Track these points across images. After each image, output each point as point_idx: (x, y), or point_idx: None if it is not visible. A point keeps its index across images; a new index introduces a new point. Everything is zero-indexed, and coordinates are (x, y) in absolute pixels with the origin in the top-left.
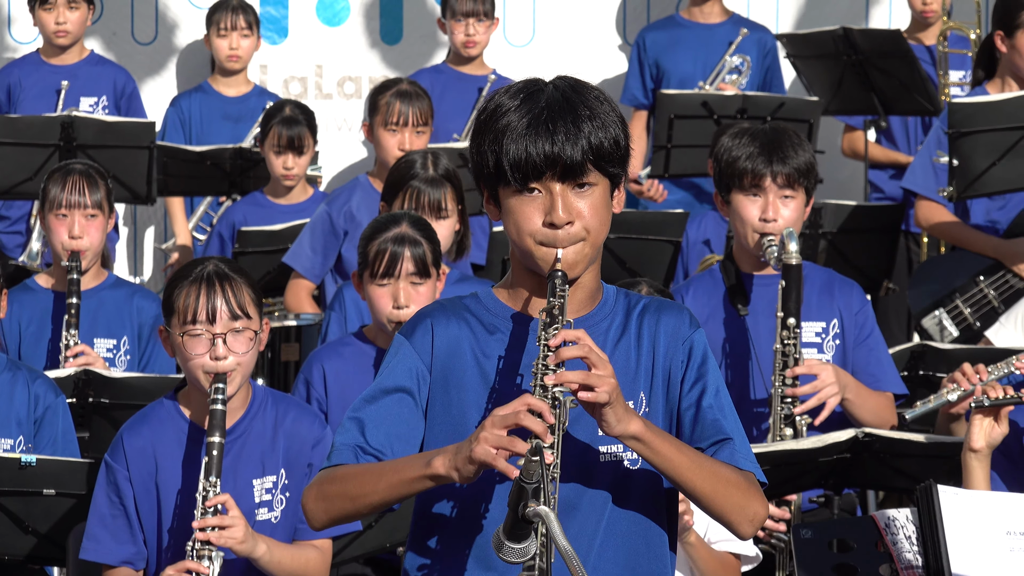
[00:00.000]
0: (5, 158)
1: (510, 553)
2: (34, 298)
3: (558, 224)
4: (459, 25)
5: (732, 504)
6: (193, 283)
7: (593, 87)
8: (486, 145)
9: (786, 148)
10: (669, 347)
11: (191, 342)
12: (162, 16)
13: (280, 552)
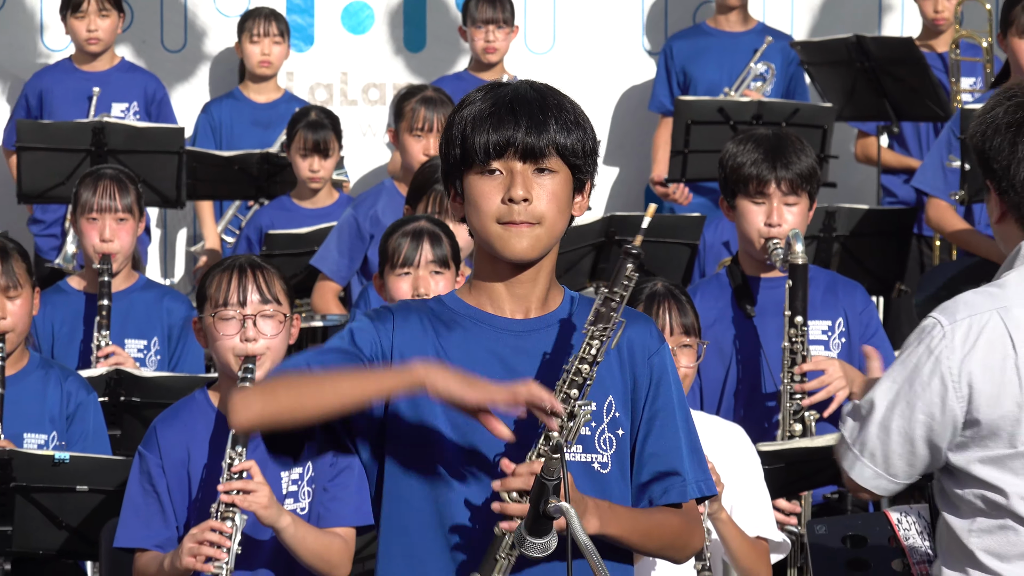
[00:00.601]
0: (38, 163)
1: (532, 548)
2: (66, 300)
3: (516, 200)
4: (479, 32)
5: (674, 550)
6: (225, 271)
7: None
8: (453, 133)
9: (789, 154)
10: (637, 356)
11: (222, 324)
12: (191, 24)
13: (304, 529)
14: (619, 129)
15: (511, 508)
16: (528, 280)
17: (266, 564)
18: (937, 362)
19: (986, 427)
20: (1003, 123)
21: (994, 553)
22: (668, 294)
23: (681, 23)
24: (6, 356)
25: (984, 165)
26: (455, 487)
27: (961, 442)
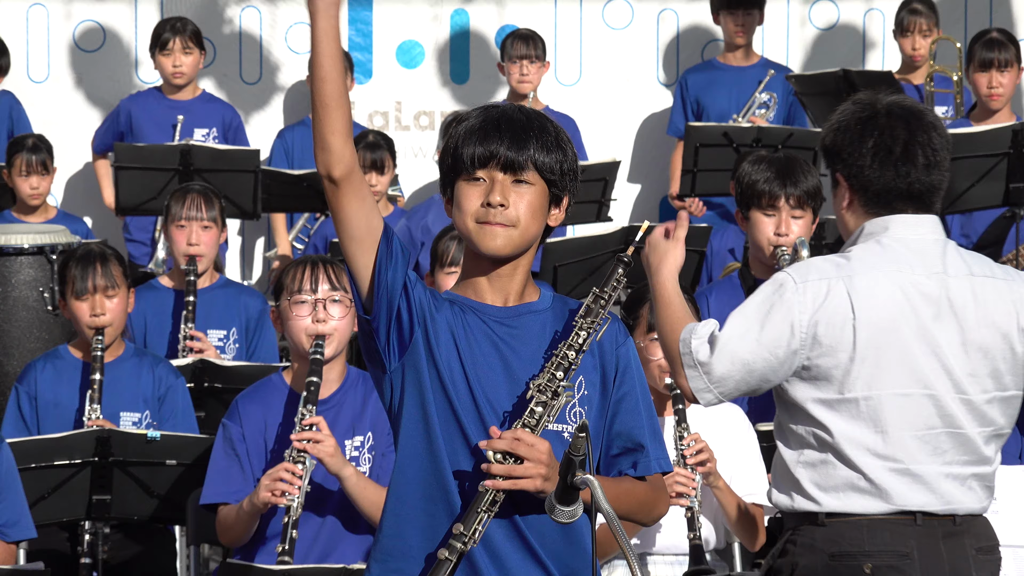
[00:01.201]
0: (134, 181)
1: (560, 515)
2: (157, 296)
3: (493, 204)
4: (515, 67)
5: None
6: (300, 264)
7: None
8: (449, 144)
9: (797, 173)
10: (607, 349)
11: (297, 307)
12: (266, 59)
13: (365, 482)
14: (639, 151)
15: (495, 468)
16: (506, 275)
17: (333, 512)
18: (789, 311)
19: (822, 372)
20: (852, 122)
21: (816, 483)
22: None
23: (692, 59)
24: (105, 347)
25: (834, 159)
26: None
27: (797, 381)
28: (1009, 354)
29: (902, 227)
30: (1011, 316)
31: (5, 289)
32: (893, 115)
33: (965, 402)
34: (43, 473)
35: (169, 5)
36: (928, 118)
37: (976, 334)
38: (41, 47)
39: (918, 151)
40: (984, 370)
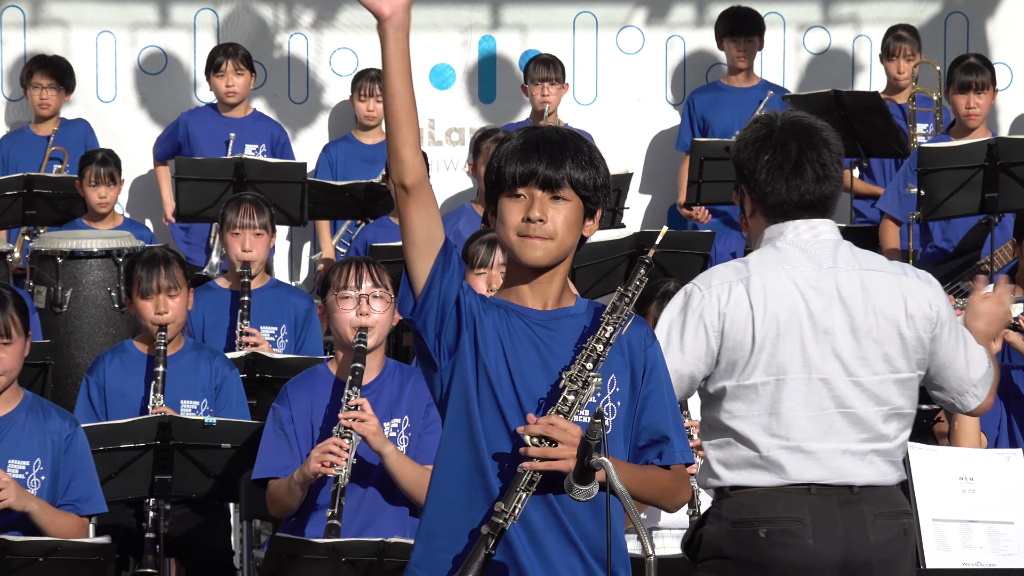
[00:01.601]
0: (192, 191)
1: (579, 493)
2: (214, 296)
3: (532, 219)
4: (537, 88)
5: (665, 500)
6: (346, 263)
7: (586, 139)
8: (492, 163)
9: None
10: (635, 349)
11: (343, 302)
12: (312, 81)
13: (403, 460)
14: (650, 164)
15: (532, 451)
16: (545, 281)
17: (374, 485)
18: (700, 317)
19: (728, 364)
20: (751, 139)
21: (721, 462)
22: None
23: (698, 81)
24: (168, 342)
25: (739, 173)
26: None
27: (712, 375)
28: (898, 339)
29: (796, 231)
30: (898, 305)
31: (76, 289)
32: (786, 133)
33: (857, 384)
34: (111, 455)
35: (225, 32)
36: (820, 135)
37: (864, 321)
38: (109, 70)
39: (807, 166)
40: (875, 354)
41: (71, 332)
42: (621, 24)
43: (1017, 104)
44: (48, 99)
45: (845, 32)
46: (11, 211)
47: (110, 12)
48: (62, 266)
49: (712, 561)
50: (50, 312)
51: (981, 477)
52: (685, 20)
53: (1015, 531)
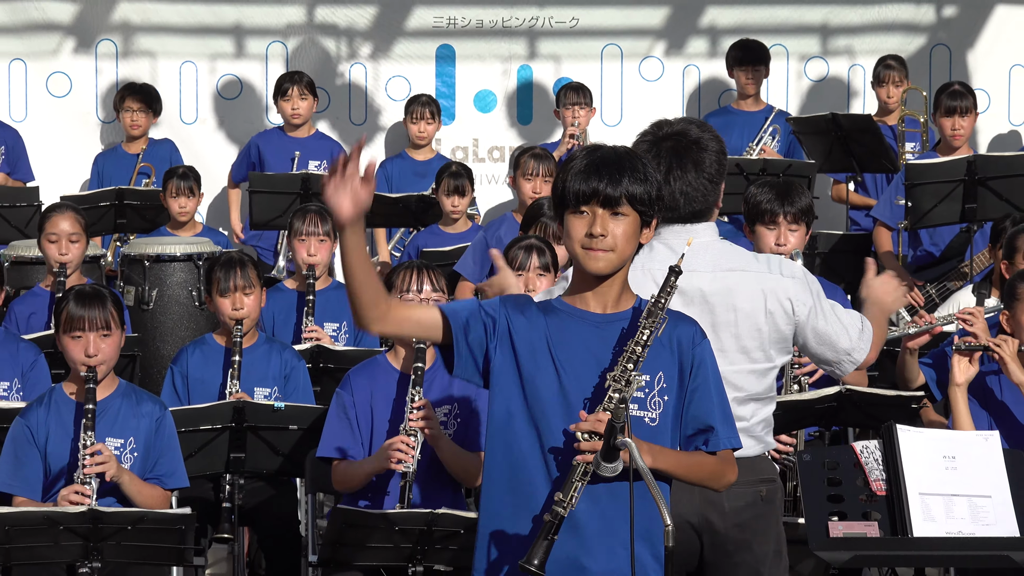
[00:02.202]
0: (264, 203)
1: (604, 470)
2: (283, 296)
3: (595, 235)
4: (568, 111)
5: (711, 481)
6: (408, 268)
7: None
8: (560, 180)
9: (794, 195)
10: (684, 347)
11: None
12: (370, 105)
13: (454, 448)
14: None
15: (584, 445)
16: (607, 287)
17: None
18: None
19: None
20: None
21: None
22: None
23: (711, 105)
24: (243, 335)
25: None
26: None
27: None
28: (757, 333)
29: (671, 234)
30: (758, 302)
31: (161, 289)
32: (666, 144)
33: None
34: (192, 436)
35: (293, 62)
36: (697, 148)
37: (725, 318)
38: (191, 96)
39: (681, 175)
40: (733, 347)
41: (156, 327)
42: (643, 55)
43: (994, 125)
44: (138, 121)
45: (841, 62)
46: (104, 220)
47: (192, 44)
48: (149, 268)
49: None
50: (138, 309)
51: (962, 456)
52: (700, 51)
53: (992, 504)
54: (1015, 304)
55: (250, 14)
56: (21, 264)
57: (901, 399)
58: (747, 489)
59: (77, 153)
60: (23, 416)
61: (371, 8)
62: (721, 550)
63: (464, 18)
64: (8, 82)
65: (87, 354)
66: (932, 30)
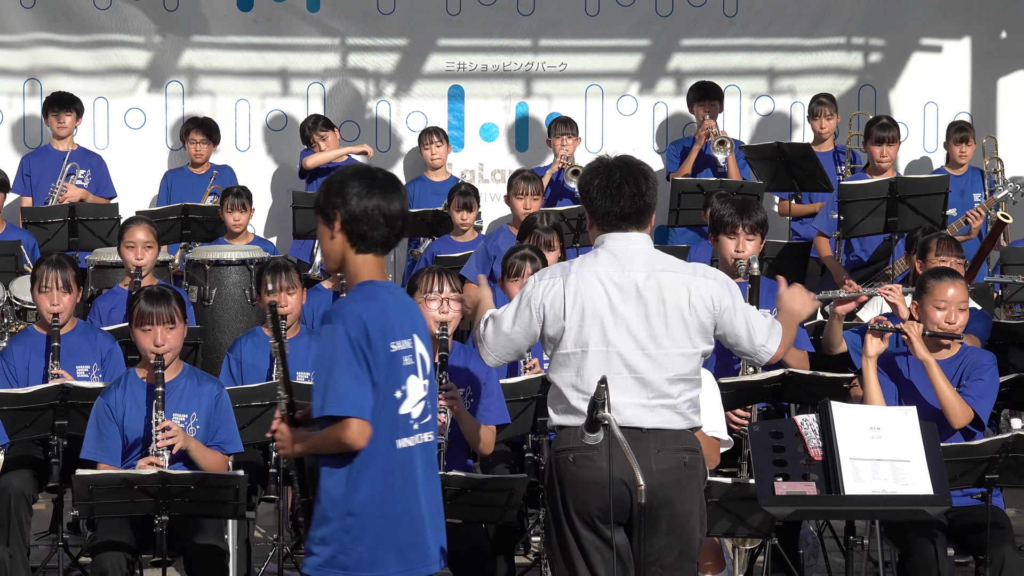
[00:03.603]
0: (305, 216)
1: (588, 439)
2: (321, 295)
3: None
4: (558, 140)
5: (333, 448)
6: (430, 272)
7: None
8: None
9: (751, 209)
10: None
11: (429, 302)
12: (393, 135)
13: (469, 417)
14: None
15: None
16: None
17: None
18: (530, 300)
19: (551, 338)
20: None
21: (554, 408)
22: None
23: (676, 135)
24: (287, 327)
25: (581, 195)
26: None
27: (545, 345)
28: (683, 323)
29: (613, 241)
30: (683, 297)
31: (220, 288)
32: (612, 166)
33: (647, 356)
34: (244, 411)
35: (329, 100)
36: (637, 169)
37: (656, 310)
38: (244, 127)
39: (625, 188)
40: (663, 333)
41: (215, 320)
42: (620, 94)
43: (911, 152)
44: (201, 151)
45: (785, 99)
46: (173, 231)
47: (245, 85)
48: (209, 271)
49: (549, 481)
50: (200, 305)
51: (886, 427)
52: (667, 91)
53: (911, 467)
54: (923, 296)
55: (294, 60)
56: (103, 268)
57: (834, 380)
58: (672, 455)
59: (150, 175)
60: (103, 396)
61: (394, 55)
62: (647, 504)
63: (472, 63)
64: (93, 116)
65: (156, 344)
66: (860, 73)
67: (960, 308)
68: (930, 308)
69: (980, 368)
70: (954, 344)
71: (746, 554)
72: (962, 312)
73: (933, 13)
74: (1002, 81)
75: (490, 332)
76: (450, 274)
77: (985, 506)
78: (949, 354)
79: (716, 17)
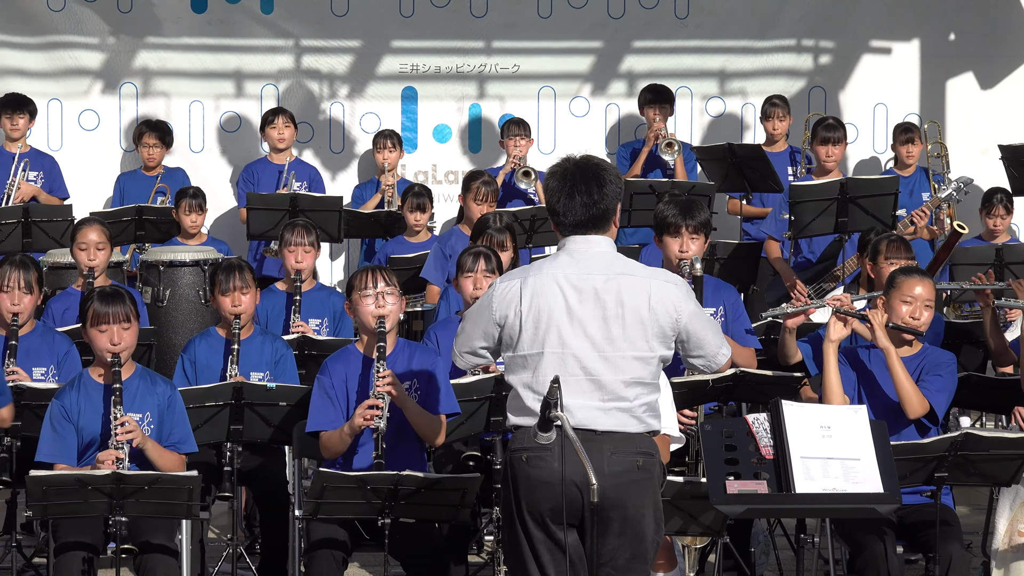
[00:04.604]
0: (259, 217)
1: (541, 439)
2: (275, 296)
3: None
4: (511, 141)
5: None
6: (364, 270)
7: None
8: None
9: (695, 210)
10: None
11: (365, 298)
12: (347, 137)
13: (419, 409)
14: None
15: None
16: None
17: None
18: (491, 303)
19: (508, 339)
20: (551, 175)
21: (510, 408)
22: None
23: (627, 136)
24: (241, 327)
25: (545, 197)
26: None
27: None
28: (641, 327)
29: (573, 243)
30: (642, 300)
31: (173, 289)
32: (571, 170)
33: (603, 359)
34: (199, 411)
35: (283, 101)
36: (592, 175)
37: (615, 312)
38: (198, 129)
39: (577, 197)
40: (620, 336)
41: (169, 321)
42: (573, 95)
43: (860, 153)
44: (154, 155)
45: (736, 101)
46: (126, 232)
47: (200, 86)
48: (163, 272)
49: (504, 481)
50: (154, 306)
51: (836, 425)
52: (619, 92)
53: (861, 465)
54: (891, 291)
55: (248, 61)
56: (57, 268)
57: (785, 379)
58: (626, 458)
59: (103, 177)
60: (58, 398)
61: (348, 57)
62: (598, 505)
63: (425, 65)
64: (47, 117)
65: (112, 343)
66: (810, 75)
67: (926, 306)
68: (897, 302)
69: (940, 365)
70: (915, 343)
71: (697, 552)
72: (927, 310)
73: (882, 15)
74: (951, 83)
75: (460, 335)
76: (384, 270)
77: (934, 504)
78: (910, 352)
79: (668, 19)
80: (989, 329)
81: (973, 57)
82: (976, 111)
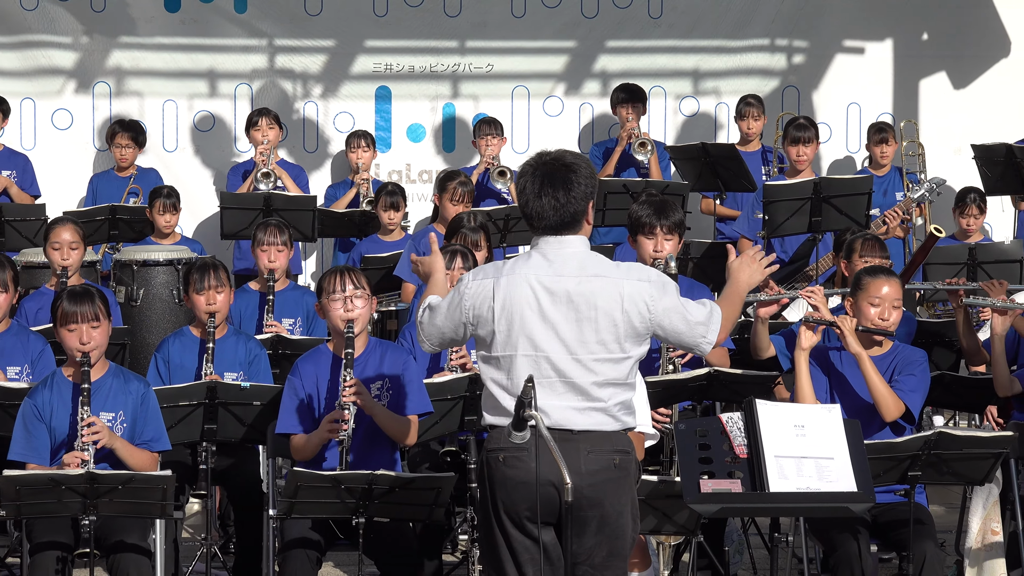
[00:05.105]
0: (233, 216)
1: (515, 438)
2: (249, 296)
3: None
4: (483, 141)
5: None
6: (333, 272)
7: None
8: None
9: (668, 210)
10: None
11: (334, 302)
12: (320, 136)
13: (388, 413)
14: None
15: None
16: None
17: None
18: (462, 298)
19: (481, 339)
20: (521, 172)
21: (485, 408)
22: None
23: (601, 136)
24: (215, 327)
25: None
26: None
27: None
28: (613, 328)
29: (545, 244)
30: (615, 302)
31: (147, 288)
32: (541, 169)
33: (576, 361)
34: (173, 410)
35: (257, 101)
36: (561, 177)
37: (587, 315)
38: (172, 128)
39: (544, 200)
40: (592, 339)
41: (143, 320)
42: (546, 95)
43: (834, 153)
44: (126, 156)
45: (709, 100)
46: (99, 231)
47: (173, 86)
48: (137, 272)
49: (480, 480)
50: (128, 306)
51: (810, 424)
52: (593, 92)
53: (835, 464)
54: (858, 293)
55: (221, 61)
56: (30, 268)
57: (759, 378)
58: (602, 457)
59: (77, 176)
60: (31, 397)
61: (322, 56)
62: (575, 504)
63: (399, 64)
64: (20, 117)
65: (81, 342)
66: (784, 74)
67: (894, 306)
68: (864, 304)
69: (912, 364)
70: (886, 342)
71: (671, 551)
72: (896, 310)
73: (855, 15)
74: (923, 82)
75: (426, 320)
76: (353, 272)
77: (908, 503)
78: (881, 351)
79: (641, 19)
80: (962, 329)
81: (946, 57)
82: (949, 110)
